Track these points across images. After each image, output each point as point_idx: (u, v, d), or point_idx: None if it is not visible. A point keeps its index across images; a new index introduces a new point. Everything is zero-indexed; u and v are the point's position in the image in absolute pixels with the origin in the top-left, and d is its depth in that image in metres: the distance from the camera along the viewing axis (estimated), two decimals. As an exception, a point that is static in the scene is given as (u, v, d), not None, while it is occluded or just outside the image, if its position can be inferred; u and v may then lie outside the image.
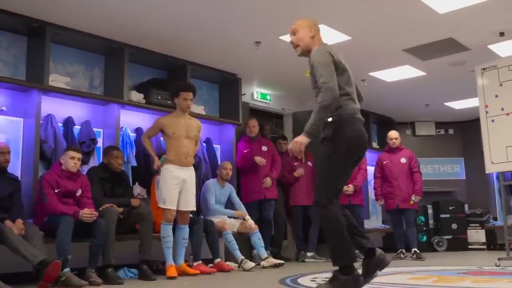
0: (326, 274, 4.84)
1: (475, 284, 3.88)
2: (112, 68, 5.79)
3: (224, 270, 5.49)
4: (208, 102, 7.09)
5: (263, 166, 6.71)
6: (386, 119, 9.91)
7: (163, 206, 4.96)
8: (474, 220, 9.25)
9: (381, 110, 9.51)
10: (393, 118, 9.99)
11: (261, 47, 6.05)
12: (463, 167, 10.49)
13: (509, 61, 5.78)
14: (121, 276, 4.77)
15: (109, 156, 5.14)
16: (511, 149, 5.61)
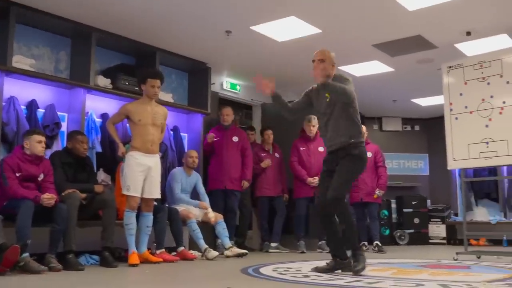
0: (288, 265, 4.89)
1: (431, 277, 3.96)
2: (79, 52, 5.69)
3: (187, 258, 5.48)
4: (177, 90, 7.04)
5: (231, 156, 6.70)
6: (354, 113, 9.98)
7: (127, 193, 4.92)
8: (436, 215, 9.43)
9: (349, 104, 9.58)
10: (361, 112, 9.97)
11: (231, 36, 6.03)
12: (427, 163, 10.69)
13: (474, 60, 5.89)
14: (82, 263, 4.73)
15: (73, 141, 5.06)
16: (472, 146, 5.73)
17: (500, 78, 5.63)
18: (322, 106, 4.22)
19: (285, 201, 7.28)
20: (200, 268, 4.89)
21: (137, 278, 4.20)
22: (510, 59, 5.57)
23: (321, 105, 4.24)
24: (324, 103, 4.20)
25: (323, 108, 4.21)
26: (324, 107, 4.20)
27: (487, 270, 4.57)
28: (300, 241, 6.94)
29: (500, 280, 3.73)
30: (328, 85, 3.97)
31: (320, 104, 4.26)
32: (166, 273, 4.44)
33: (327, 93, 4.10)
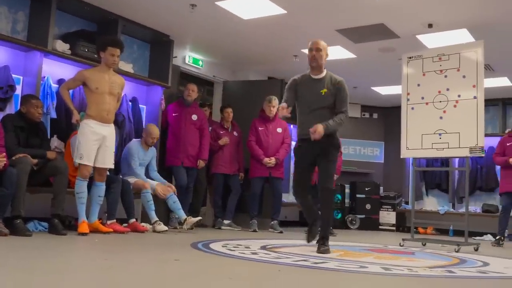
0: (239, 242, 4.94)
1: (376, 260, 4.08)
2: (38, 14, 5.53)
3: (138, 230, 5.47)
4: (138, 61, 6.93)
5: (188, 133, 6.68)
6: (315, 97, 10.06)
7: (80, 161, 4.85)
8: (387, 202, 9.67)
9: (311, 88, 9.65)
10: (322, 97, 10.16)
11: (196, 10, 5.96)
12: (382, 151, 10.89)
13: (434, 52, 6.00)
14: (31, 229, 4.66)
15: (28, 105, 4.93)
16: (426, 137, 5.87)
17: (457, 72, 5.75)
18: (312, 96, 4.42)
19: (240, 179, 7.31)
20: (150, 241, 4.89)
21: (85, 246, 4.17)
22: (468, 53, 5.70)
23: (311, 95, 4.43)
24: (316, 95, 4.40)
25: (313, 99, 4.41)
26: (315, 98, 4.40)
27: (430, 256, 4.73)
28: (253, 220, 7.01)
29: (441, 267, 3.87)
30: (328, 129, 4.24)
31: (310, 95, 4.43)
32: (115, 243, 4.42)
33: (324, 90, 4.38)
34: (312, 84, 4.45)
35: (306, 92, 4.47)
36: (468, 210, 5.83)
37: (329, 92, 4.38)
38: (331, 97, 4.39)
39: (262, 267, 3.38)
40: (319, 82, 4.43)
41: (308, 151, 4.43)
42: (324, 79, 4.44)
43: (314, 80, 4.46)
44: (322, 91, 4.39)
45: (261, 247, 4.57)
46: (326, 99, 4.39)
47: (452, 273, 3.50)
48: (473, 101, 5.60)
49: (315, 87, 4.43)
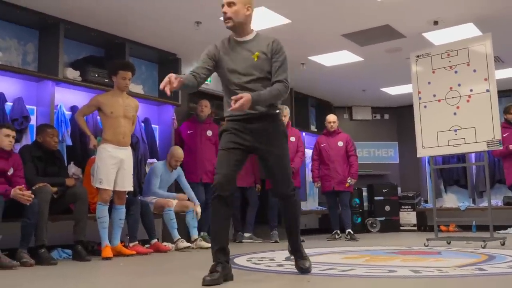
0: (262, 254, 4.92)
1: (403, 263, 4.04)
2: (47, 44, 5.60)
3: (161, 250, 5.47)
4: (147, 82, 6.98)
5: (204, 149, 6.69)
6: (324, 103, 10.09)
7: (100, 186, 4.88)
8: (406, 202, 9.60)
9: (320, 94, 9.67)
10: (331, 102, 10.18)
11: (201, 27, 6.00)
12: (397, 151, 10.84)
13: (442, 49, 5.98)
14: (55, 257, 4.69)
15: (44, 134, 4.98)
16: (441, 134, 5.83)
17: (467, 66, 5.73)
18: (240, 64, 3.30)
19: (257, 191, 7.30)
20: (174, 260, 4.88)
21: (111, 271, 4.17)
22: (477, 47, 5.68)
23: (240, 61, 3.31)
24: (245, 61, 3.30)
25: (243, 67, 3.29)
26: (245, 66, 3.29)
27: (457, 255, 4.67)
28: (274, 231, 6.99)
29: (470, 265, 3.82)
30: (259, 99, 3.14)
31: (238, 60, 3.31)
32: (140, 265, 4.42)
33: (257, 53, 3.28)
34: (239, 49, 3.33)
35: (232, 59, 3.32)
36: (490, 204, 5.78)
37: (264, 56, 3.29)
38: (265, 63, 3.29)
39: (291, 279, 3.36)
40: (248, 45, 3.34)
41: (240, 135, 3.28)
42: (254, 41, 3.36)
43: (240, 43, 3.36)
44: (254, 56, 3.27)
45: (285, 258, 4.54)
46: (260, 65, 3.28)
47: (484, 271, 3.46)
48: (486, 94, 5.57)
49: (243, 52, 3.32)
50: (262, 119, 3.27)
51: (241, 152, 3.26)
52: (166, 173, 6.08)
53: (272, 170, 3.35)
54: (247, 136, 3.27)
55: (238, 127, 3.28)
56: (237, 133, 3.27)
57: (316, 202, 9.80)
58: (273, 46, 3.31)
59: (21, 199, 4.27)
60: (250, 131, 3.27)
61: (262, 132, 3.27)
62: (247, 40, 3.35)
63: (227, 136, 3.30)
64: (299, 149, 7.20)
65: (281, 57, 3.31)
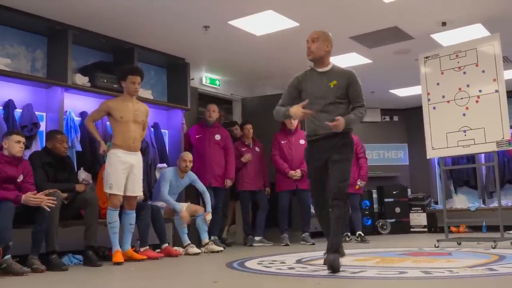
0: (273, 257, 4.92)
1: (415, 264, 4.03)
2: (55, 50, 5.63)
3: (172, 255, 5.48)
4: (156, 87, 7.01)
5: (213, 154, 6.70)
6: (333, 105, 10.04)
7: (110, 191, 4.90)
8: (416, 204, 9.56)
9: (328, 96, 9.63)
10: (340, 104, 10.13)
11: (209, 31, 6.02)
12: (406, 153, 10.80)
13: (450, 50, 5.98)
14: (66, 263, 4.70)
15: (53, 140, 5.00)
16: (451, 135, 5.82)
17: (476, 67, 5.72)
18: (320, 91, 3.87)
19: (267, 194, 7.30)
20: (185, 264, 4.89)
21: (122, 276, 4.19)
22: (485, 48, 5.67)
23: (319, 90, 3.88)
24: (324, 89, 3.87)
25: (322, 94, 3.86)
26: (324, 92, 3.86)
27: (467, 256, 4.66)
28: (284, 234, 6.98)
29: (481, 265, 3.80)
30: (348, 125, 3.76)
31: (317, 89, 3.89)
32: (151, 269, 4.43)
33: (334, 82, 3.84)
34: (319, 79, 3.91)
35: (312, 87, 3.91)
36: (500, 204, 5.75)
37: (340, 84, 3.84)
38: (341, 90, 3.84)
39: (302, 281, 3.36)
40: (326, 75, 3.91)
41: (320, 153, 3.87)
42: (331, 71, 3.92)
43: (320, 73, 3.93)
44: (331, 84, 3.84)
45: (296, 261, 4.55)
46: (336, 92, 3.83)
47: (494, 271, 3.45)
48: (495, 95, 5.55)
49: (323, 82, 3.88)
50: (334, 136, 3.80)
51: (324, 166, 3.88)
52: (177, 179, 6.07)
53: (332, 173, 3.81)
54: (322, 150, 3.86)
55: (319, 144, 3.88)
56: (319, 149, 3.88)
57: (326, 204, 9.76)
58: (350, 78, 3.89)
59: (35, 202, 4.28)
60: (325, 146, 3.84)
61: (331, 146, 3.82)
62: (325, 71, 3.93)
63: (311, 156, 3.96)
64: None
65: (358, 86, 3.91)
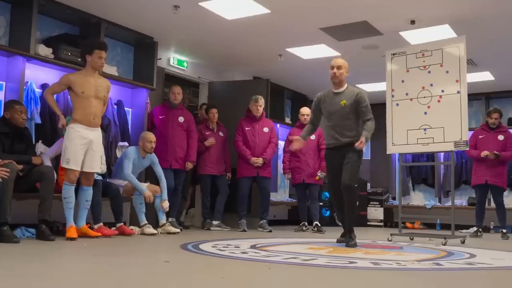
0: (228, 242, 4.94)
1: (365, 255, 4.10)
2: (19, 18, 5.48)
3: (126, 233, 5.46)
4: (122, 64, 6.91)
5: (175, 135, 6.66)
6: (299, 95, 10.12)
7: (67, 166, 4.82)
8: (375, 198, 9.74)
9: (296, 86, 9.70)
10: (307, 95, 10.21)
11: (179, 11, 5.94)
12: (369, 147, 10.92)
13: (417, 48, 6.05)
14: (18, 235, 4.62)
15: (12, 111, 4.89)
16: (411, 132, 5.92)
17: (441, 67, 5.81)
18: (335, 107, 5.00)
19: (228, 180, 7.31)
20: (139, 244, 4.87)
21: (74, 251, 4.15)
22: (451, 49, 5.76)
23: (334, 106, 5.01)
24: (337, 107, 4.98)
25: (335, 111, 5.00)
26: (337, 110, 4.99)
27: (418, 250, 4.77)
28: (242, 219, 7.02)
29: (429, 260, 3.90)
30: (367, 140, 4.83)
31: (332, 106, 5.02)
32: (104, 247, 4.40)
33: (344, 101, 4.94)
34: (334, 98, 5.03)
35: (329, 105, 5.05)
36: (454, 203, 5.90)
37: (349, 103, 4.92)
38: (350, 108, 4.92)
39: (253, 265, 3.39)
40: (340, 95, 5.00)
41: (336, 157, 5.00)
42: (344, 92, 5.01)
43: (335, 94, 5.04)
44: (342, 103, 4.94)
45: (251, 246, 4.58)
46: (346, 109, 4.93)
47: (440, 266, 3.54)
48: (456, 96, 5.66)
49: (337, 100, 4.99)
50: (346, 146, 4.93)
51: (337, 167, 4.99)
52: (139, 159, 6.00)
53: (344, 171, 4.85)
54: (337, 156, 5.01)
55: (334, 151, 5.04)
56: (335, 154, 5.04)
57: (287, 193, 9.87)
58: (357, 97, 4.94)
59: None
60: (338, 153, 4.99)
61: (344, 152, 4.94)
62: (340, 92, 5.03)
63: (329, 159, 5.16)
64: (272, 140, 7.22)
65: (366, 103, 4.95)
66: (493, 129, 7.07)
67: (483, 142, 7.05)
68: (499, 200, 6.99)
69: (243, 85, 8.24)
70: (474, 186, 7.17)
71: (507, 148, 6.96)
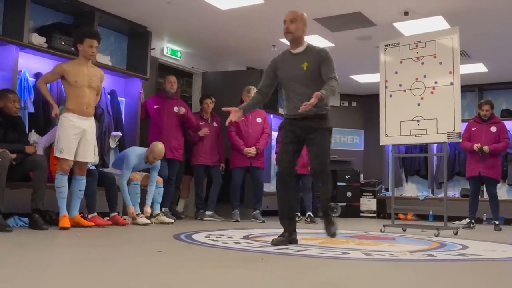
0: (221, 232, 4.96)
1: (357, 246, 4.13)
2: (13, 7, 5.46)
3: (119, 224, 5.46)
4: (115, 53, 6.88)
5: (170, 125, 6.66)
6: (294, 86, 10.08)
7: (60, 155, 4.82)
8: (368, 189, 9.77)
9: (290, 77, 9.66)
10: (301, 86, 10.18)
11: (173, 1, 5.93)
12: (362, 138, 10.98)
13: (411, 40, 6.06)
14: (11, 224, 4.62)
15: (5, 100, 4.88)
16: (404, 123, 5.93)
17: (434, 58, 5.82)
18: (294, 73, 4.04)
19: (221, 170, 7.32)
20: (132, 233, 4.88)
21: (67, 240, 4.15)
22: (444, 40, 5.76)
23: (293, 71, 4.04)
24: (298, 71, 4.02)
25: (296, 75, 4.04)
26: (297, 75, 4.03)
27: (410, 241, 4.79)
28: (235, 210, 7.04)
29: (421, 251, 3.93)
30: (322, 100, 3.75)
31: (292, 70, 4.06)
32: (97, 237, 4.41)
33: (306, 64, 3.99)
34: (293, 60, 4.07)
35: (287, 70, 4.10)
36: (446, 195, 5.93)
37: (312, 65, 3.98)
38: (314, 71, 3.99)
39: (246, 256, 3.40)
40: (300, 56, 4.05)
41: (296, 127, 4.07)
42: (305, 52, 4.05)
43: (294, 55, 4.09)
44: (304, 65, 3.99)
45: (243, 236, 4.60)
46: (309, 73, 3.99)
47: (433, 257, 3.57)
48: (449, 87, 5.67)
49: (296, 63, 4.04)
50: (310, 118, 4.00)
51: (295, 145, 4.12)
52: (140, 163, 5.92)
53: (313, 152, 4.05)
54: (297, 131, 4.07)
55: (292, 124, 4.09)
56: (291, 129, 4.10)
57: (280, 184, 9.86)
58: (321, 56, 4.00)
59: None
60: (299, 127, 4.06)
61: (308, 127, 4.03)
62: (300, 52, 4.07)
63: (284, 132, 4.17)
64: (265, 131, 7.23)
65: (329, 61, 4.00)
66: (485, 121, 7.09)
67: (476, 134, 7.08)
68: (492, 192, 7.02)
69: (237, 75, 8.23)
70: (468, 178, 7.20)
71: (500, 140, 6.99)
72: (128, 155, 5.86)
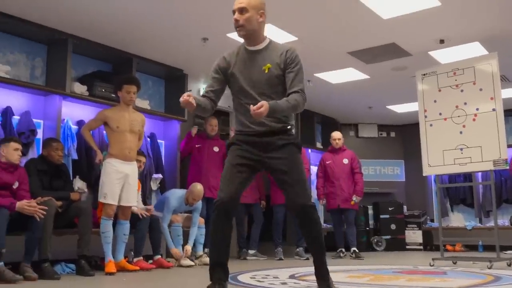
0: (266, 272, 4.89)
1: (408, 283, 4.00)
2: (55, 59, 5.65)
3: (164, 266, 5.45)
4: (153, 97, 7.01)
5: (210, 165, 6.70)
6: (330, 120, 10.08)
7: (104, 200, 4.89)
8: (412, 221, 9.54)
9: (326, 111, 9.67)
10: (337, 119, 10.17)
11: (208, 43, 6.04)
12: (403, 169, 10.79)
13: (448, 68, 5.99)
14: (58, 271, 4.66)
15: (49, 148, 5.00)
16: (447, 152, 5.81)
17: (473, 85, 5.72)
18: (251, 76, 3.08)
19: (262, 208, 7.28)
20: (177, 276, 4.87)
21: (113, 286, 4.16)
22: (483, 66, 5.68)
23: (249, 75, 3.08)
24: (256, 73, 3.07)
25: (253, 79, 3.07)
26: (256, 78, 3.06)
27: (462, 275, 4.63)
28: (278, 248, 6.96)
29: (476, 285, 3.78)
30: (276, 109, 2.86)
31: (248, 74, 3.09)
32: (142, 281, 4.41)
33: (268, 65, 3.04)
34: (249, 59, 3.10)
35: (242, 71, 3.10)
36: (497, 224, 5.74)
37: (275, 67, 3.04)
38: (279, 76, 3.05)
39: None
40: (260, 55, 3.09)
41: (250, 150, 3.05)
42: (266, 49, 3.10)
43: (251, 52, 3.11)
44: (265, 67, 3.04)
45: (289, 276, 4.52)
46: (271, 77, 3.04)
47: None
48: (492, 113, 5.56)
49: (254, 63, 3.09)
50: (271, 134, 3.03)
51: (248, 169, 3.04)
52: (181, 205, 5.96)
53: (284, 180, 3.00)
54: (254, 150, 3.03)
55: (248, 142, 3.05)
56: (245, 147, 3.04)
57: (322, 219, 9.76)
58: (287, 56, 3.03)
59: (28, 210, 4.25)
60: (257, 145, 3.03)
61: (269, 145, 3.02)
62: (259, 49, 3.09)
63: (234, 150, 3.08)
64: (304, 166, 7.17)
65: (296, 66, 3.02)
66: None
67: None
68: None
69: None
70: None
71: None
72: (169, 198, 5.89)
